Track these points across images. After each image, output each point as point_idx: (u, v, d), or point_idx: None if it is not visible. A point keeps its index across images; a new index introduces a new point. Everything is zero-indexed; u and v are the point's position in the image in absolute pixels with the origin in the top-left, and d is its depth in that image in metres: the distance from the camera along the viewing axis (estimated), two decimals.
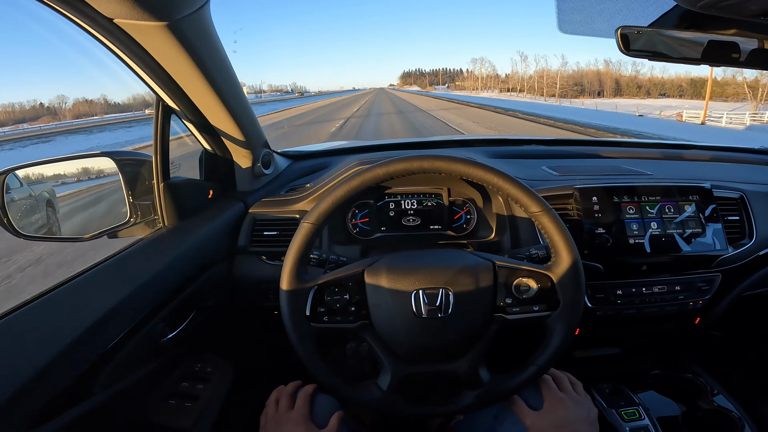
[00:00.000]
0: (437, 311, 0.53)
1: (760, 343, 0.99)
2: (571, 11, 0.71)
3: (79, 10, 0.48)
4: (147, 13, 0.50)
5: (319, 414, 0.61)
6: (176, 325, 0.66)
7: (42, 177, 0.73)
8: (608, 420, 0.75)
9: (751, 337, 0.98)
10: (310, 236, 0.56)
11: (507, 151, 1.10)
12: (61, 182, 0.74)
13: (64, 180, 0.74)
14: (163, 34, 0.55)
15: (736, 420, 0.74)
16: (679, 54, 0.64)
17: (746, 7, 0.49)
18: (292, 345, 0.55)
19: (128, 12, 0.50)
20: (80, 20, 0.50)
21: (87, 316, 0.49)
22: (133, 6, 0.49)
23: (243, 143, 0.84)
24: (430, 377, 0.57)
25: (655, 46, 0.64)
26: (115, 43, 0.55)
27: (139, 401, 0.61)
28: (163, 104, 0.69)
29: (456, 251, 0.61)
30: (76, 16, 0.49)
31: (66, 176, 0.74)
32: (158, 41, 0.56)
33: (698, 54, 0.63)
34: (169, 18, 0.53)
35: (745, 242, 0.80)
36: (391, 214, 0.88)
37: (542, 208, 0.56)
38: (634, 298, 0.77)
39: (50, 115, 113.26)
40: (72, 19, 0.50)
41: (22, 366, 0.41)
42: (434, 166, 0.57)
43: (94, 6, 0.48)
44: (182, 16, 0.54)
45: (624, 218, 0.75)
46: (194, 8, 0.55)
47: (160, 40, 0.56)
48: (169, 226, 0.73)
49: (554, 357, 0.56)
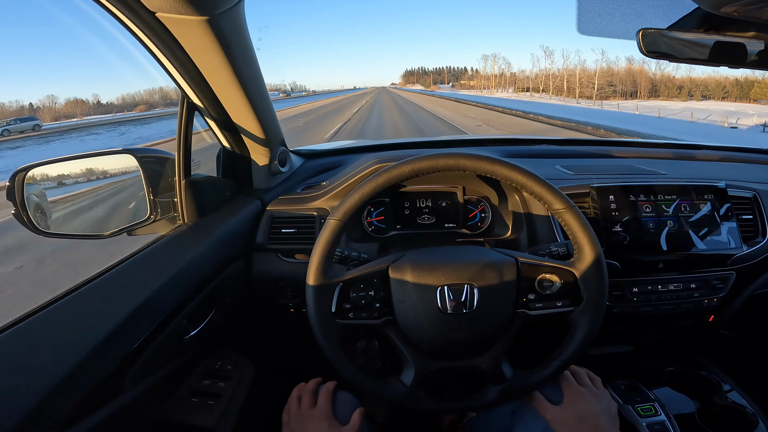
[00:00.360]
0: (462, 307, 0.54)
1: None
2: (592, 13, 0.72)
3: (124, 3, 0.48)
4: (190, 6, 0.51)
5: (340, 411, 0.61)
6: (198, 322, 0.66)
7: (62, 175, 0.72)
8: (625, 416, 0.75)
9: (763, 335, 0.99)
10: (337, 233, 0.56)
11: (518, 151, 1.10)
12: (80, 180, 0.73)
13: (84, 177, 0.74)
14: (201, 28, 0.55)
15: (751, 416, 0.75)
16: (701, 56, 0.64)
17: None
18: (317, 341, 0.55)
19: (172, 5, 0.50)
20: (122, 14, 0.50)
21: (115, 313, 0.49)
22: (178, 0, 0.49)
23: (262, 141, 0.84)
24: (453, 373, 0.57)
25: (676, 47, 0.64)
26: (153, 37, 0.55)
27: (163, 399, 0.61)
28: (188, 101, 0.69)
29: (479, 248, 0.61)
30: (119, 9, 0.49)
31: (86, 173, 0.74)
32: (195, 36, 0.57)
33: (720, 54, 0.63)
34: (210, 12, 0.53)
35: (759, 240, 0.81)
36: (406, 212, 0.88)
37: (566, 205, 0.56)
38: (650, 296, 0.77)
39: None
40: (113, 13, 0.50)
41: (51, 368, 0.41)
42: (459, 163, 0.57)
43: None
44: (221, 11, 0.55)
45: (641, 216, 0.76)
46: (233, 3, 0.55)
47: (198, 34, 0.57)
48: (189, 224, 0.73)
49: (578, 352, 0.57)
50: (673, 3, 0.62)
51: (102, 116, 71.93)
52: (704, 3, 0.54)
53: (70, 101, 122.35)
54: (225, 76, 0.66)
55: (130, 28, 0.53)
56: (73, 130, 26.32)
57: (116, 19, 0.50)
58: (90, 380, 0.44)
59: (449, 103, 27.05)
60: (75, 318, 0.48)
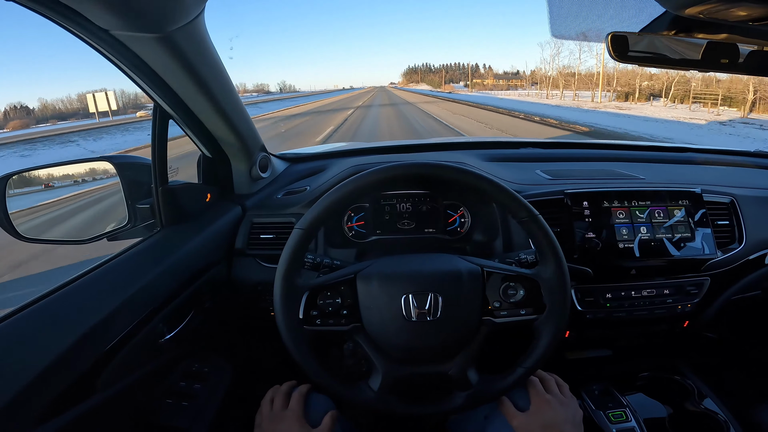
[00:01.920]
0: (426, 315, 0.54)
1: (750, 347, 0.98)
2: (564, 16, 0.70)
3: (75, 21, 0.48)
4: (141, 25, 0.51)
5: (313, 413, 0.62)
6: (175, 325, 0.67)
7: (42, 181, 0.73)
8: (596, 422, 0.75)
9: (740, 341, 0.97)
10: (302, 242, 0.56)
11: (503, 155, 1.09)
12: (60, 186, 0.75)
13: (64, 184, 0.75)
14: (157, 45, 0.55)
15: (722, 423, 0.74)
16: (671, 59, 0.62)
17: (733, 12, 0.48)
18: (286, 347, 0.56)
19: (123, 24, 0.50)
20: (77, 31, 0.50)
21: (88, 317, 0.50)
22: (127, 19, 0.49)
23: (240, 147, 0.84)
24: (421, 378, 0.58)
25: (646, 51, 0.62)
26: (112, 52, 0.55)
27: (138, 400, 0.62)
28: (161, 110, 0.69)
29: (446, 256, 0.61)
30: (73, 27, 0.49)
31: (66, 180, 0.75)
32: (153, 52, 0.57)
33: (693, 57, 0.61)
34: (162, 30, 0.53)
35: (734, 247, 0.79)
36: (386, 217, 0.87)
37: (529, 214, 0.56)
38: (623, 302, 0.76)
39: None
40: (70, 29, 0.50)
41: (25, 366, 0.43)
42: (425, 172, 0.57)
43: (89, 18, 0.49)
44: (176, 28, 0.54)
45: (614, 223, 0.74)
46: (187, 20, 0.55)
47: (155, 51, 0.56)
48: (167, 230, 0.73)
49: (541, 359, 0.56)
50: (642, 6, 0.60)
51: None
52: (669, 5, 0.52)
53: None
54: (192, 88, 0.65)
55: (91, 43, 0.53)
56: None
57: (74, 35, 0.51)
58: (63, 379, 0.45)
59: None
60: (50, 320, 0.49)
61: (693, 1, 0.47)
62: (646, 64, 0.65)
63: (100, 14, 0.48)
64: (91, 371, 0.49)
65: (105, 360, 0.51)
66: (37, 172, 0.72)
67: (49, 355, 0.44)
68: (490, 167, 0.93)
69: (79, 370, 0.47)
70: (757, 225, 0.80)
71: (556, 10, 0.69)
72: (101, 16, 0.48)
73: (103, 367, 0.51)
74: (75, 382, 0.46)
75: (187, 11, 0.53)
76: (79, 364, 0.47)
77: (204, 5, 0.56)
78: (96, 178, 0.76)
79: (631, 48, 0.62)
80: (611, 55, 0.63)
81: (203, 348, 0.79)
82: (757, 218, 0.81)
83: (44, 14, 0.46)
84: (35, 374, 0.42)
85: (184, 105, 0.69)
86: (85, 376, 0.48)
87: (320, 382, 0.56)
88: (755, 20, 0.48)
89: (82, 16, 0.48)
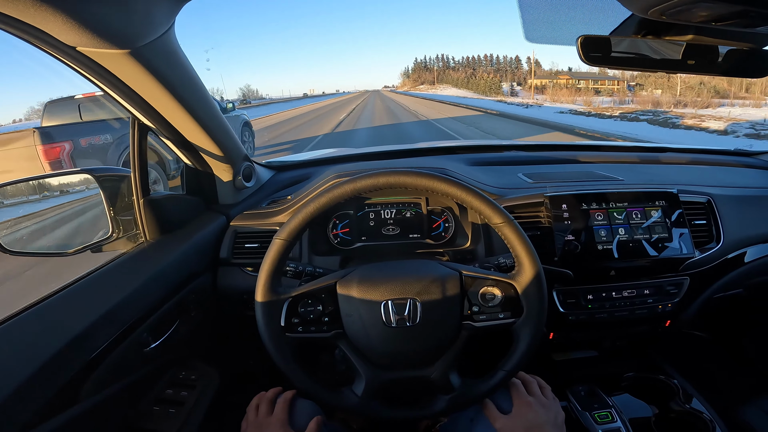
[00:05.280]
0: (406, 320, 0.54)
1: (733, 345, 0.97)
2: (536, 22, 0.70)
3: (41, 39, 0.47)
4: (108, 42, 0.50)
5: (298, 419, 0.61)
6: (160, 334, 0.65)
7: (24, 195, 0.72)
8: (582, 422, 0.73)
9: (722, 339, 0.95)
10: (282, 252, 0.56)
11: (486, 158, 1.08)
12: (42, 199, 0.73)
13: (45, 197, 0.74)
14: (127, 60, 0.54)
15: (708, 421, 0.72)
16: (640, 60, 0.62)
17: (695, 13, 0.47)
18: (270, 354, 0.56)
19: (89, 41, 0.49)
20: (44, 47, 0.49)
21: (72, 327, 0.49)
22: (94, 35, 0.48)
23: (222, 158, 0.83)
24: (403, 383, 0.57)
25: (616, 53, 0.62)
26: (83, 68, 0.54)
27: (124, 408, 0.61)
28: (139, 122, 0.68)
29: (426, 262, 0.60)
30: (39, 44, 0.48)
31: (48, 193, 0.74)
32: (124, 67, 0.55)
33: (660, 58, 0.61)
34: (131, 46, 0.52)
35: (712, 246, 0.78)
36: (371, 223, 0.86)
37: (504, 220, 0.55)
38: (604, 303, 0.75)
39: None
40: (38, 47, 0.49)
41: (13, 372, 0.42)
42: (400, 181, 0.57)
43: (55, 36, 0.48)
44: (145, 44, 0.53)
45: (592, 225, 0.73)
46: (157, 35, 0.54)
47: (126, 65, 0.55)
48: (151, 241, 0.72)
49: (521, 362, 0.56)
50: (609, 9, 0.60)
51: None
52: (634, 7, 0.52)
53: None
54: (168, 101, 0.64)
55: (60, 59, 0.52)
56: None
57: (44, 52, 0.50)
58: (48, 387, 0.45)
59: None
60: (34, 329, 0.49)
61: (655, 3, 0.46)
62: (616, 66, 0.65)
63: (64, 32, 0.47)
64: (73, 382, 0.48)
65: (87, 370, 0.50)
66: (18, 186, 0.71)
67: (32, 365, 0.43)
68: (473, 172, 0.92)
69: (61, 381, 0.46)
70: (734, 224, 0.79)
71: (527, 16, 0.68)
72: (66, 34, 0.47)
73: (86, 377, 0.50)
74: (56, 394, 0.46)
75: (155, 27, 0.52)
76: (60, 375, 0.46)
77: (174, 19, 0.55)
78: (77, 190, 0.75)
79: (601, 51, 0.62)
80: (581, 58, 0.63)
81: (190, 356, 0.78)
82: (734, 217, 0.80)
83: (8, 31, 0.45)
84: (21, 382, 0.42)
85: (161, 117, 0.68)
86: (67, 386, 0.47)
87: (304, 389, 0.56)
88: (717, 21, 0.48)
89: (47, 34, 0.47)
